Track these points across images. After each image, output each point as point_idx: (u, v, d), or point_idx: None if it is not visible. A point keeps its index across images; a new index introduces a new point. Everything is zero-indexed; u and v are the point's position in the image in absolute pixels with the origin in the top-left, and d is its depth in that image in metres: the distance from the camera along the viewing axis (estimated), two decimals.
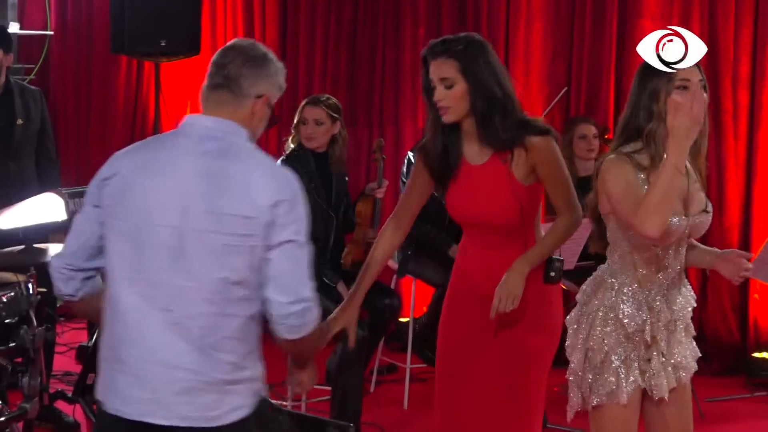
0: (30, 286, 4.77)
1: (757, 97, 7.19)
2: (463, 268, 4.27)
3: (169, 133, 3.37)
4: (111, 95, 8.54)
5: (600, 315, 3.83)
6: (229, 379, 3.14)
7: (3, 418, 4.64)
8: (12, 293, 4.76)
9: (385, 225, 4.25)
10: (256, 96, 3.25)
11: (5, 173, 6.35)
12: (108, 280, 3.26)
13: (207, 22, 8.27)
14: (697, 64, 3.74)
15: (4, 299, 4.75)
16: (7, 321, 4.75)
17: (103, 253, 3.25)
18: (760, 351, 7.19)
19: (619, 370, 3.80)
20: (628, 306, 3.80)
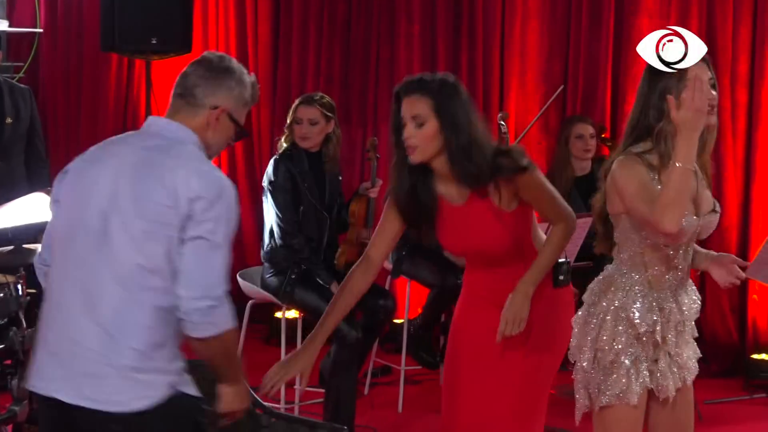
0: (19, 287, 4.78)
1: (755, 96, 7.17)
2: (470, 281, 4.29)
3: (131, 132, 3.59)
4: (101, 94, 8.47)
5: (610, 315, 3.81)
6: (133, 366, 3.20)
7: None
8: (1, 294, 4.75)
9: (355, 267, 4.15)
10: (211, 107, 3.38)
11: None
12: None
13: (198, 19, 8.23)
14: (707, 62, 3.73)
15: None
16: None
17: None
18: (759, 352, 7.16)
19: (629, 371, 3.78)
20: (639, 306, 3.79)
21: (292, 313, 6.73)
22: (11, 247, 5.10)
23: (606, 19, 7.45)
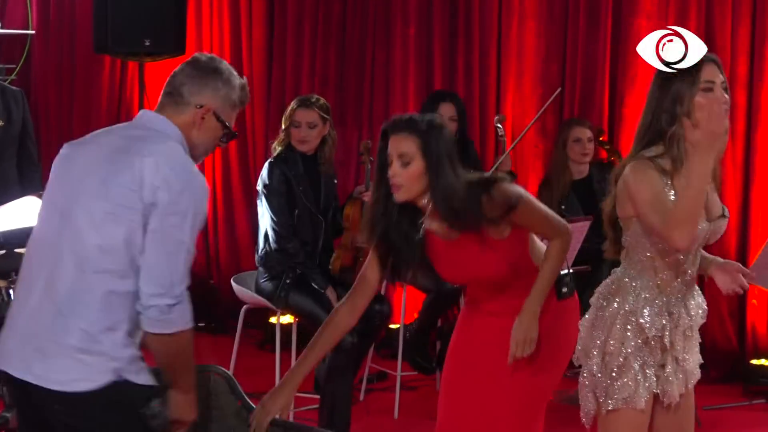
0: (11, 291, 4.73)
1: (754, 98, 7.12)
2: (473, 296, 4.29)
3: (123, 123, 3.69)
4: (94, 96, 8.44)
5: (619, 319, 3.80)
6: (79, 346, 3.22)
7: None
8: None
9: (339, 306, 4.16)
10: (196, 105, 3.44)
11: None
12: None
13: (192, 21, 8.18)
14: (718, 65, 3.74)
15: None
16: None
17: None
18: (758, 358, 7.12)
19: (638, 375, 3.78)
20: (648, 311, 3.78)
21: (287, 318, 6.68)
22: (3, 251, 5.05)
23: (604, 20, 7.40)
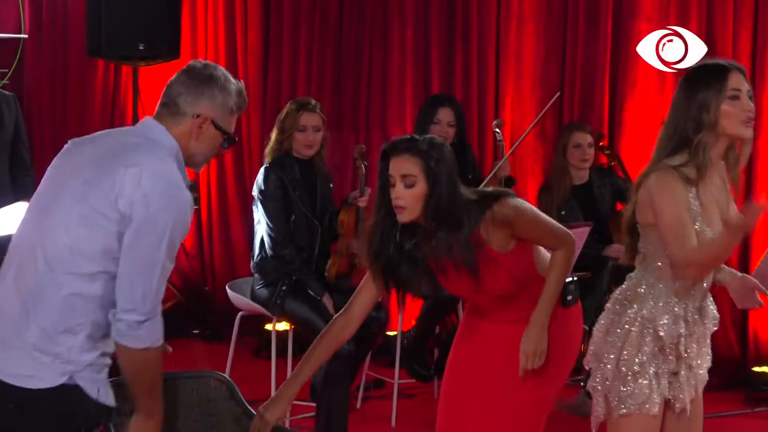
0: None
1: (756, 100, 7.00)
2: (476, 304, 4.30)
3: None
4: (88, 100, 8.37)
5: (637, 325, 3.82)
6: (35, 344, 3.24)
7: None
8: None
9: (336, 317, 4.19)
10: (193, 115, 3.43)
11: None
12: None
13: (187, 25, 8.13)
14: (743, 73, 3.77)
15: None
16: None
17: None
18: (760, 365, 7.10)
19: (652, 381, 3.81)
20: (666, 318, 3.80)
21: (283, 326, 6.61)
22: None
23: (604, 22, 7.36)
